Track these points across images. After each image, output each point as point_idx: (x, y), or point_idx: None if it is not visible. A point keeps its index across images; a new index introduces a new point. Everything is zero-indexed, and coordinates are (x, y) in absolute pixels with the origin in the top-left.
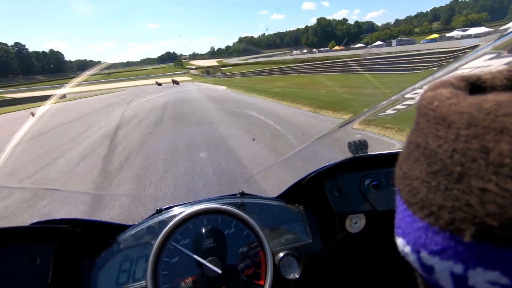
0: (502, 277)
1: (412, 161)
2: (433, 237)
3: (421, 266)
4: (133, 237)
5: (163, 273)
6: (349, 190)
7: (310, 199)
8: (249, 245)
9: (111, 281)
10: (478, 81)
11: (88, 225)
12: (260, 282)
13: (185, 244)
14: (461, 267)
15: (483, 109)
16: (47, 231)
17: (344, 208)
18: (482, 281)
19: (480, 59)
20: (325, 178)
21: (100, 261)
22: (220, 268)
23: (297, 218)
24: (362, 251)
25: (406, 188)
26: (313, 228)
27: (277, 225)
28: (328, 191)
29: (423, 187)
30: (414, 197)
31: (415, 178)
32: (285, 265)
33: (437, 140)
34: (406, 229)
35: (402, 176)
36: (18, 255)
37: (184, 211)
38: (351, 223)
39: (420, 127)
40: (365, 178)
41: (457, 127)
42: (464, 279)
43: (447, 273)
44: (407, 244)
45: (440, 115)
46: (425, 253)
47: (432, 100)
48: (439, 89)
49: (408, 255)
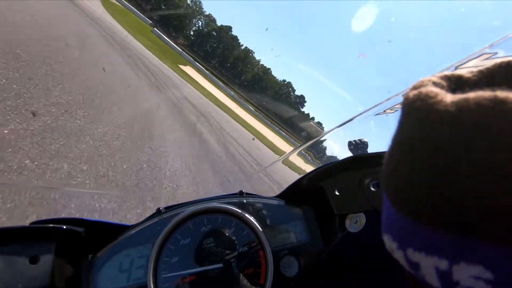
0: (485, 271)
1: (396, 159)
2: (417, 233)
3: (408, 263)
4: (134, 237)
5: (163, 273)
6: (349, 190)
7: (310, 199)
8: (249, 244)
9: (112, 280)
10: (460, 80)
11: (88, 225)
12: (260, 282)
13: (185, 243)
14: (445, 263)
15: (465, 108)
16: (47, 231)
17: (344, 207)
18: (466, 276)
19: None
20: (325, 177)
21: (100, 261)
22: (220, 267)
23: (297, 217)
24: (362, 251)
25: (391, 185)
26: (313, 228)
27: (277, 224)
28: (328, 190)
29: (407, 184)
30: (398, 195)
31: (399, 176)
32: (285, 265)
33: (420, 139)
34: (392, 226)
35: (387, 174)
36: (19, 254)
37: (184, 211)
38: (351, 222)
39: (404, 126)
40: (365, 177)
41: (440, 126)
42: (448, 274)
43: (432, 269)
44: (394, 241)
45: (423, 114)
46: (411, 249)
47: (415, 99)
48: (422, 88)
49: (395, 252)
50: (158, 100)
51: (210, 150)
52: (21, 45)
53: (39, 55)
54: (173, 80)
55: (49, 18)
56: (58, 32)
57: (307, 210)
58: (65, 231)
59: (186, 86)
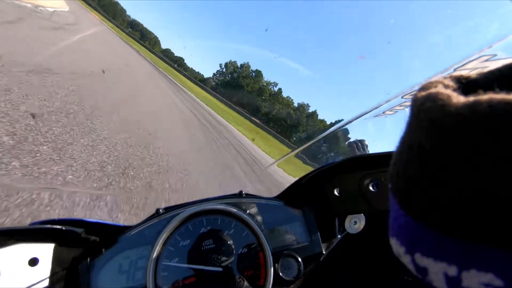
0: (495, 279)
1: (405, 161)
2: (426, 238)
3: (415, 267)
4: (133, 238)
5: (163, 274)
6: (349, 190)
7: (309, 199)
8: (248, 246)
9: (111, 281)
10: (470, 81)
11: (88, 226)
12: (259, 283)
13: (184, 245)
14: (454, 269)
15: (477, 110)
16: (46, 232)
17: (343, 208)
18: (475, 283)
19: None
20: (324, 178)
21: (100, 262)
22: (219, 269)
23: (297, 218)
24: (362, 252)
25: (400, 188)
26: (312, 229)
27: (277, 225)
28: (328, 191)
29: (416, 187)
30: (407, 198)
31: (408, 179)
32: (284, 266)
33: (430, 142)
34: (400, 229)
35: (396, 176)
36: (18, 256)
37: (183, 212)
38: (351, 223)
39: (413, 127)
40: (364, 178)
41: (450, 129)
42: (458, 280)
43: (440, 274)
44: (401, 245)
45: (434, 116)
46: (419, 254)
47: (424, 100)
48: (432, 89)
49: (402, 256)
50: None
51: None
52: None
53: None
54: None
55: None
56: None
57: (306, 211)
58: (65, 232)
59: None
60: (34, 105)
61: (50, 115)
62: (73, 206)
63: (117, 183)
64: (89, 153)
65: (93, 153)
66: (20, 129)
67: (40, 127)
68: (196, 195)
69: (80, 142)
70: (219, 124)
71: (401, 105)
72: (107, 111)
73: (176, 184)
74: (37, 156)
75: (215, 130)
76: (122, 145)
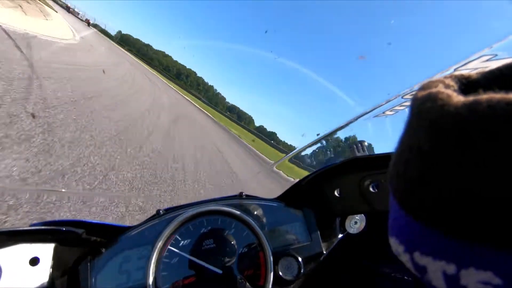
0: (494, 278)
1: (405, 161)
2: (425, 237)
3: (414, 266)
4: (133, 239)
5: (163, 274)
6: (349, 191)
7: (310, 200)
8: (249, 246)
9: (111, 282)
10: (470, 81)
11: (88, 226)
12: (259, 283)
13: (185, 245)
14: (453, 267)
15: (476, 111)
16: (47, 232)
17: (344, 209)
18: (474, 281)
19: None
20: (324, 179)
21: (100, 262)
22: (220, 269)
23: (297, 218)
24: (362, 252)
25: (400, 188)
26: (312, 229)
27: (277, 225)
28: (328, 192)
29: (416, 187)
30: (407, 198)
31: (408, 179)
32: (284, 266)
33: (430, 142)
34: (399, 229)
35: (395, 176)
36: (19, 256)
37: (184, 213)
38: (351, 224)
39: (413, 127)
40: (365, 178)
41: (450, 129)
42: (456, 279)
43: (439, 273)
44: (400, 244)
45: (434, 116)
46: (418, 253)
47: (424, 100)
48: (432, 88)
49: (401, 255)
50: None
51: None
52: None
53: None
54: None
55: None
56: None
57: (307, 211)
58: (65, 233)
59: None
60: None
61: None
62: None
63: None
64: None
65: None
66: None
67: None
68: None
69: None
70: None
71: (401, 105)
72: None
73: None
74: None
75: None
76: None
